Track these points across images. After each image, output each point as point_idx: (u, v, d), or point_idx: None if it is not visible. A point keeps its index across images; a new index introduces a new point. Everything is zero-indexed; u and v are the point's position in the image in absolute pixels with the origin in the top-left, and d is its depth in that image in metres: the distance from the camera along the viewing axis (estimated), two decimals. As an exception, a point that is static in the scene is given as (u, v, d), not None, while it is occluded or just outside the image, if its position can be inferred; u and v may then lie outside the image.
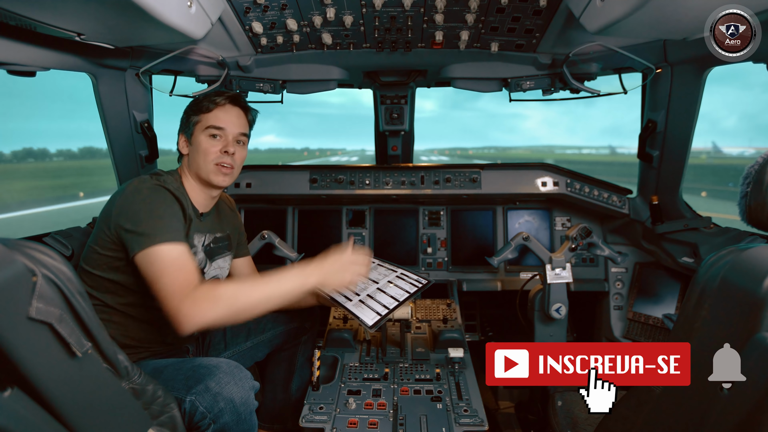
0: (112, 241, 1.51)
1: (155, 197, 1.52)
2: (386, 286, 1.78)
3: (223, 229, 1.88)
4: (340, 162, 30.15)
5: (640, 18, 1.32)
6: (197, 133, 1.72)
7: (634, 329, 2.54)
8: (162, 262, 1.42)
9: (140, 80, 2.08)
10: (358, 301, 1.68)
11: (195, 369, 1.40)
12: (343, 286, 1.62)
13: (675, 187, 2.21)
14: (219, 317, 1.37)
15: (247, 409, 1.40)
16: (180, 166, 1.79)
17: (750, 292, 0.85)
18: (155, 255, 1.42)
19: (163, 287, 1.39)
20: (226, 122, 1.72)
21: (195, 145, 1.72)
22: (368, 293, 1.73)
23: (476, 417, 1.55)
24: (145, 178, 1.59)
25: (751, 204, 1.01)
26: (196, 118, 1.73)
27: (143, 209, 1.47)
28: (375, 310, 1.63)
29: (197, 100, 1.77)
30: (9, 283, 0.72)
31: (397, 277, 1.86)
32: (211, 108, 1.72)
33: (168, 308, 1.37)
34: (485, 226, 2.84)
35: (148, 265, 1.42)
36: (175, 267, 1.42)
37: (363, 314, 1.60)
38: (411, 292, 1.72)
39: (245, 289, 1.43)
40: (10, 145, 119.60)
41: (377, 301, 1.69)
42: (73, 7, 1.24)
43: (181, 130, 1.78)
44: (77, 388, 0.85)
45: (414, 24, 1.88)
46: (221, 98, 1.74)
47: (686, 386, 1.03)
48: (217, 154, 1.70)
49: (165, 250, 1.43)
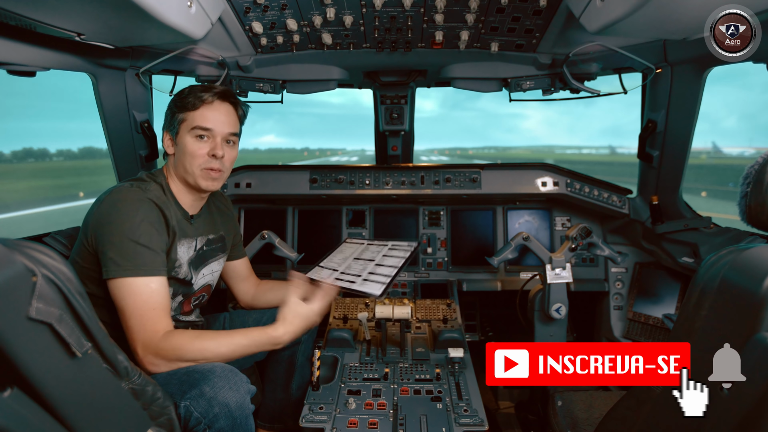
0: (90, 254, 1.46)
1: (134, 214, 1.44)
2: (383, 260, 1.87)
3: (216, 230, 1.82)
4: (340, 162, 30.16)
5: (640, 18, 1.33)
6: (182, 133, 1.60)
7: (634, 329, 2.54)
8: (133, 298, 1.40)
9: (140, 80, 2.08)
10: (362, 280, 1.74)
11: (189, 373, 1.37)
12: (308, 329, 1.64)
13: (675, 187, 2.21)
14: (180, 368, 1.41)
15: (242, 413, 1.37)
16: (166, 165, 1.69)
17: (750, 292, 0.84)
18: (127, 288, 1.40)
19: (131, 328, 1.39)
20: (215, 122, 1.60)
21: (180, 146, 1.60)
22: (369, 271, 1.81)
23: (476, 417, 1.55)
24: (126, 187, 1.50)
25: (751, 204, 1.01)
26: (181, 116, 1.60)
27: (120, 230, 1.41)
28: (379, 281, 1.70)
29: (181, 94, 1.62)
30: (9, 283, 0.72)
31: (390, 249, 1.96)
32: (198, 105, 1.59)
33: (133, 351, 1.39)
34: (485, 226, 2.84)
35: (119, 296, 1.40)
36: (145, 309, 1.40)
37: (369, 288, 1.67)
38: (405, 257, 1.85)
39: (212, 345, 1.45)
40: (10, 145, 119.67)
41: (379, 274, 1.76)
42: (73, 7, 1.24)
43: (165, 127, 1.65)
44: (77, 388, 0.85)
45: (414, 24, 1.88)
46: (208, 95, 1.60)
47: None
48: (204, 158, 1.59)
49: (138, 284, 1.41)
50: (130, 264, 1.41)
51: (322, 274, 1.87)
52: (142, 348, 1.38)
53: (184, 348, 1.41)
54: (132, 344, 1.39)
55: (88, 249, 1.47)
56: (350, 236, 2.82)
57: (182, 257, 1.64)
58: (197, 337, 1.45)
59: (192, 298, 1.75)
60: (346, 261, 1.95)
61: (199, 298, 1.80)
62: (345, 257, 2.00)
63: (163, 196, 1.58)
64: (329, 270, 1.90)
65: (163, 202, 1.55)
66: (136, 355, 1.39)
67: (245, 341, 1.51)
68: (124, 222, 1.43)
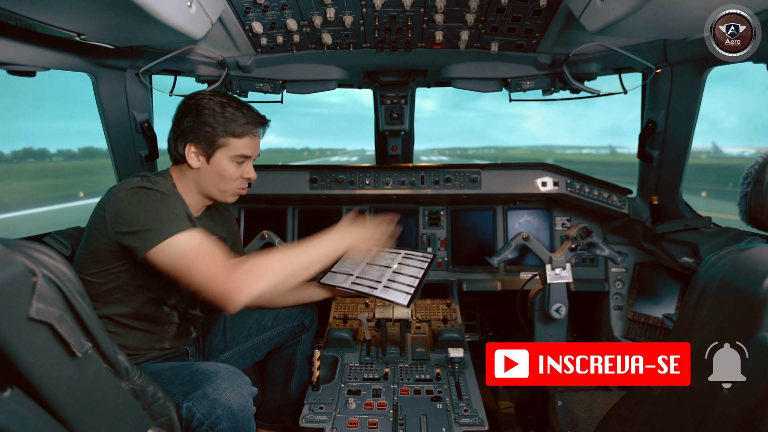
0: (108, 250, 1.44)
1: (150, 195, 1.43)
2: (400, 267, 1.84)
3: (216, 232, 1.82)
4: (340, 162, 30.15)
5: (640, 18, 1.32)
6: (220, 156, 1.59)
7: (634, 329, 2.54)
8: (187, 251, 1.35)
9: (140, 80, 2.08)
10: (383, 287, 1.73)
11: (193, 374, 1.37)
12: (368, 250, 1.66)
13: (675, 187, 2.21)
14: (268, 287, 1.36)
15: (245, 415, 1.37)
16: (175, 170, 1.67)
17: (750, 292, 0.84)
18: (175, 246, 1.35)
19: (201, 272, 1.33)
20: (254, 149, 1.65)
21: (215, 167, 1.60)
22: (388, 278, 1.79)
23: (476, 417, 1.55)
24: (137, 180, 1.49)
25: (751, 204, 1.01)
26: (223, 141, 1.58)
27: (143, 207, 1.39)
28: (403, 290, 1.68)
29: (224, 114, 1.57)
30: (9, 283, 0.72)
31: (404, 257, 1.92)
32: (245, 135, 1.60)
33: (213, 290, 1.32)
34: (485, 226, 2.84)
35: (171, 258, 1.35)
36: (204, 251, 1.36)
37: (394, 296, 1.66)
38: (424, 267, 1.79)
39: (288, 257, 1.44)
40: (10, 145, 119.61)
41: (400, 283, 1.74)
42: (73, 7, 1.24)
43: (192, 140, 1.57)
44: (77, 389, 0.85)
45: (414, 24, 1.88)
46: (254, 127, 1.62)
47: (686, 386, 1.03)
48: (240, 180, 1.65)
49: (184, 239, 1.36)
50: (167, 227, 1.36)
51: (337, 279, 1.86)
52: (224, 277, 1.32)
53: (264, 263, 1.38)
54: (210, 286, 1.32)
55: (105, 241, 1.43)
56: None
57: None
58: (273, 253, 1.44)
59: None
60: (359, 266, 1.93)
61: None
62: (356, 262, 1.97)
63: (172, 191, 1.58)
64: (344, 275, 1.89)
65: (173, 194, 1.56)
66: (219, 290, 1.31)
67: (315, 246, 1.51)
68: (144, 202, 1.41)
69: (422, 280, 1.72)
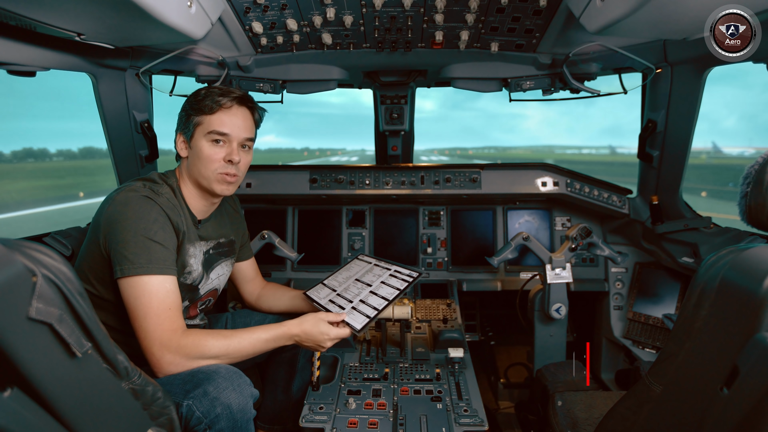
0: (101, 255, 1.44)
1: (145, 213, 1.42)
2: (379, 287, 1.78)
3: (225, 234, 1.81)
4: (340, 162, 30.15)
5: (640, 18, 1.32)
6: (198, 137, 1.57)
7: (634, 329, 2.54)
8: (148, 297, 1.37)
9: (140, 80, 2.08)
10: (351, 308, 1.68)
11: (193, 374, 1.37)
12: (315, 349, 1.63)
13: (675, 187, 2.21)
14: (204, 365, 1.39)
15: (244, 417, 1.36)
16: (178, 167, 1.67)
17: (750, 292, 0.84)
18: (141, 287, 1.37)
19: (147, 330, 1.36)
20: (232, 127, 1.57)
21: (195, 150, 1.57)
22: (361, 298, 1.73)
23: (476, 417, 1.55)
24: (137, 186, 1.48)
25: (751, 204, 1.01)
26: (197, 119, 1.56)
27: (134, 227, 1.39)
28: (365, 313, 1.63)
29: (197, 96, 1.58)
30: (9, 283, 0.71)
31: (390, 275, 1.86)
32: (215, 109, 1.55)
33: (148, 352, 1.36)
34: (485, 226, 2.84)
35: (133, 296, 1.37)
36: (161, 308, 1.38)
37: (353, 320, 1.61)
38: (401, 288, 1.73)
39: (235, 342, 1.45)
40: (10, 145, 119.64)
41: (368, 305, 1.68)
42: (73, 7, 1.24)
43: (179, 129, 1.62)
44: (77, 388, 0.85)
45: (414, 24, 1.88)
46: (226, 99, 1.56)
47: (686, 386, 1.03)
48: (220, 163, 1.57)
49: (152, 283, 1.38)
50: (146, 261, 1.38)
51: (321, 293, 1.86)
52: (160, 348, 1.35)
53: (206, 345, 1.39)
54: (147, 345, 1.36)
55: (100, 250, 1.43)
56: (361, 251, 2.79)
57: (190, 262, 1.62)
58: (218, 334, 1.45)
59: (198, 302, 1.75)
60: (347, 281, 1.92)
61: (205, 303, 1.79)
62: (349, 276, 1.96)
63: (174, 199, 1.56)
64: (329, 290, 1.89)
65: (172, 206, 1.53)
66: (152, 355, 1.36)
67: (265, 335, 1.50)
68: (138, 219, 1.40)
69: (392, 302, 1.67)
